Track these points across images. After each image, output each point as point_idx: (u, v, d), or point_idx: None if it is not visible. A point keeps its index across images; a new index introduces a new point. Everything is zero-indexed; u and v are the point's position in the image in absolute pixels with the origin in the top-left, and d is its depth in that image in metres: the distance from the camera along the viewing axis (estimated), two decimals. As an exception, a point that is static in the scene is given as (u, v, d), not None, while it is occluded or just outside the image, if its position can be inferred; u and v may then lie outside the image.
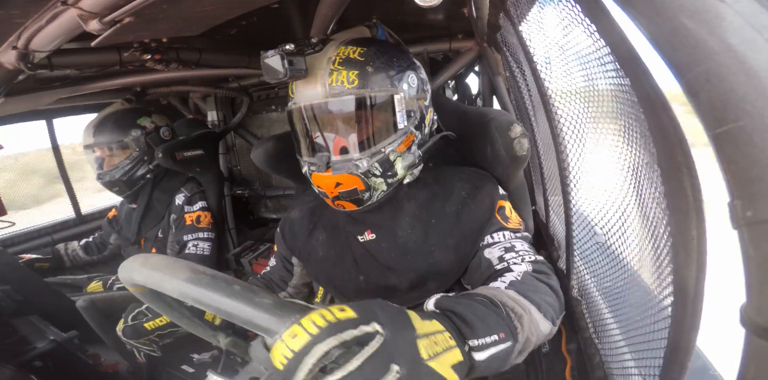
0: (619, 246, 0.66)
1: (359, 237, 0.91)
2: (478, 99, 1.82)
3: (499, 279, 0.71)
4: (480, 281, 0.79)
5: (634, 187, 0.52)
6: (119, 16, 0.59)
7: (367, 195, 0.84)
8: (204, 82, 1.84)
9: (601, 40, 0.45)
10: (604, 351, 0.78)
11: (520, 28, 0.85)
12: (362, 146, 0.81)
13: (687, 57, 0.24)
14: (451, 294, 0.61)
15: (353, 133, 0.80)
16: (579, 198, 0.82)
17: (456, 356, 0.47)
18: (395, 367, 0.39)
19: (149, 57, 1.01)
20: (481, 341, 0.51)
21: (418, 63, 0.88)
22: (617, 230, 0.66)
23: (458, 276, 0.85)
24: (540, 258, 0.78)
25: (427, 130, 0.89)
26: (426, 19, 1.25)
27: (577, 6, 0.50)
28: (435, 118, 0.95)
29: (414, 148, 0.85)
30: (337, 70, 0.76)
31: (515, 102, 1.35)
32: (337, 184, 0.82)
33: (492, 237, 0.82)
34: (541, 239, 1.23)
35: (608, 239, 0.74)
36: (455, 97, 2.16)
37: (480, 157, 0.93)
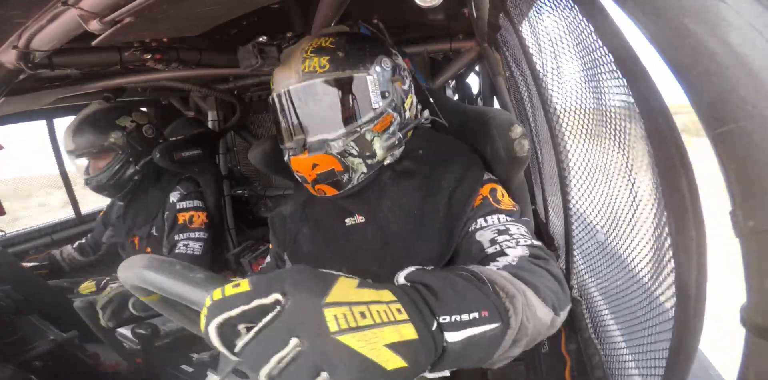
0: (619, 247, 0.66)
1: (346, 221, 0.90)
2: (479, 99, 1.82)
3: (491, 263, 0.63)
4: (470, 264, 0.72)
5: (632, 188, 0.52)
6: (120, 16, 0.59)
7: (345, 177, 0.84)
8: (204, 82, 1.84)
9: (599, 40, 0.45)
10: (603, 352, 0.78)
11: (520, 28, 0.85)
12: (336, 126, 0.82)
13: (687, 57, 0.24)
14: (428, 268, 0.51)
15: (327, 114, 0.83)
16: (578, 198, 0.82)
17: (401, 333, 0.37)
18: (294, 340, 0.34)
19: (150, 57, 1.01)
20: (455, 318, 0.42)
21: (394, 52, 0.90)
22: (616, 230, 0.66)
23: (440, 264, 0.81)
24: (538, 242, 0.69)
25: (408, 114, 0.89)
26: (426, 19, 1.25)
27: (576, 6, 0.50)
28: (417, 104, 0.95)
29: (393, 128, 0.86)
30: (309, 57, 0.81)
31: (515, 102, 1.35)
32: (314, 166, 0.83)
33: (485, 221, 0.77)
34: (541, 239, 1.23)
35: (608, 239, 0.74)
36: (455, 97, 2.16)
37: (480, 156, 0.93)
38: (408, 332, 0.38)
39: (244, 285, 0.38)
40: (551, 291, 0.56)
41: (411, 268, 0.50)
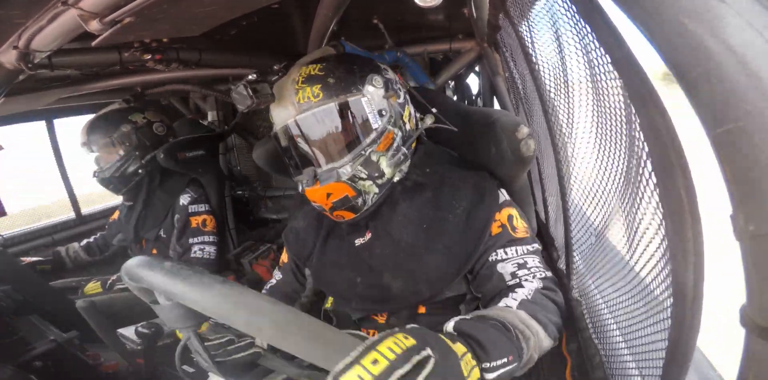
0: (618, 248, 0.66)
1: (358, 241, 0.91)
2: (478, 99, 1.82)
3: (511, 295, 0.75)
4: (491, 292, 0.82)
5: (630, 188, 0.52)
6: (120, 16, 0.59)
7: (360, 200, 0.86)
8: (204, 82, 1.84)
9: (596, 41, 0.45)
10: (604, 352, 0.78)
11: (520, 28, 0.85)
12: (342, 153, 0.84)
13: (687, 57, 0.24)
14: (468, 317, 0.66)
15: (330, 142, 0.84)
16: (577, 198, 0.82)
17: (477, 374, 0.54)
18: None
19: (150, 57, 1.01)
20: (493, 363, 0.57)
21: (383, 66, 0.91)
22: (615, 231, 0.66)
23: (450, 282, 0.84)
24: (549, 274, 0.82)
25: (408, 126, 0.90)
26: (426, 20, 1.25)
27: (573, 7, 0.50)
28: (416, 113, 0.95)
29: (396, 144, 0.86)
30: (302, 88, 0.82)
31: (515, 102, 1.35)
32: (328, 195, 0.84)
33: (506, 253, 0.83)
34: (541, 239, 1.23)
35: (607, 240, 0.74)
36: (455, 98, 2.16)
37: (483, 158, 0.92)
38: (477, 373, 0.54)
39: (411, 339, 0.46)
40: (554, 324, 0.72)
41: (456, 318, 0.63)
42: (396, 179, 0.88)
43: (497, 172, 0.92)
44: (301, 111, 0.82)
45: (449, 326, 0.62)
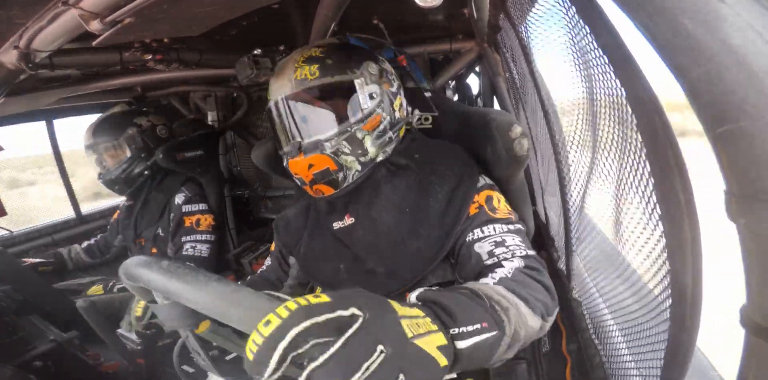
0: (618, 249, 0.66)
1: (338, 224, 0.92)
2: (479, 99, 1.82)
3: (489, 275, 0.71)
4: (471, 275, 0.78)
5: (628, 189, 0.52)
6: (120, 17, 0.59)
7: (341, 175, 0.87)
8: (205, 81, 1.84)
9: (595, 42, 0.45)
10: (604, 352, 0.78)
11: (520, 29, 0.86)
12: (329, 127, 0.86)
13: (688, 58, 0.24)
14: (434, 288, 0.61)
15: (319, 117, 0.88)
16: (577, 199, 0.82)
17: (440, 339, 0.46)
18: (380, 347, 0.38)
19: (150, 57, 1.01)
20: (463, 329, 0.51)
21: (382, 58, 0.95)
22: (615, 232, 0.66)
23: (429, 265, 0.83)
24: (531, 252, 0.77)
25: (398, 114, 0.92)
26: (426, 20, 1.25)
27: (573, 8, 0.50)
28: (408, 105, 0.97)
29: (384, 126, 0.89)
30: (301, 66, 0.86)
31: (515, 102, 1.35)
32: (310, 166, 0.87)
33: (482, 231, 0.80)
34: (541, 239, 1.23)
35: (607, 240, 0.74)
36: (455, 98, 2.16)
37: (480, 157, 0.93)
38: (441, 338, 0.47)
39: (324, 297, 0.41)
40: (540, 301, 0.66)
41: (420, 289, 0.58)
42: (379, 159, 0.90)
43: (494, 172, 0.92)
44: (297, 87, 0.86)
45: (412, 296, 0.57)
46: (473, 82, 2.17)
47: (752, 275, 0.27)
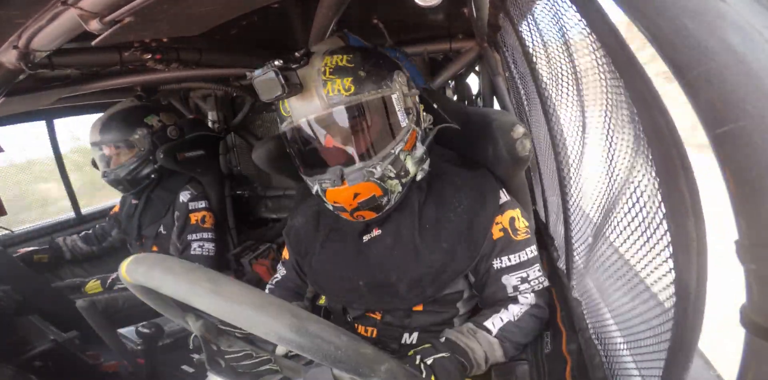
0: (619, 248, 0.66)
1: (364, 238, 0.90)
2: (479, 99, 1.82)
3: (502, 310, 0.85)
4: (492, 298, 0.88)
5: (631, 187, 0.52)
6: (119, 16, 0.59)
7: (385, 200, 0.83)
8: (206, 81, 1.84)
9: (597, 41, 0.45)
10: (604, 352, 0.78)
11: (520, 28, 0.85)
12: (372, 151, 0.79)
13: (687, 57, 0.24)
14: (447, 355, 0.74)
15: (360, 140, 0.79)
16: (577, 198, 0.82)
17: None
18: None
19: (150, 57, 1.01)
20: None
21: (398, 62, 0.89)
22: (616, 231, 0.65)
23: (451, 281, 0.85)
24: (546, 282, 0.88)
25: (424, 125, 0.90)
26: (426, 20, 1.25)
27: (573, 6, 0.50)
28: (423, 111, 0.94)
29: (418, 143, 0.85)
30: (330, 79, 0.74)
31: (515, 102, 1.35)
32: (356, 195, 0.80)
33: (509, 260, 0.86)
34: (541, 239, 1.23)
35: (607, 240, 0.74)
36: (455, 98, 2.16)
37: (482, 157, 0.93)
38: None
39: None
40: (521, 345, 0.85)
41: (437, 355, 0.73)
42: (418, 178, 0.87)
43: (495, 172, 0.92)
44: (332, 104, 0.74)
45: (417, 357, 0.73)
46: (473, 82, 2.17)
47: (752, 275, 0.26)
